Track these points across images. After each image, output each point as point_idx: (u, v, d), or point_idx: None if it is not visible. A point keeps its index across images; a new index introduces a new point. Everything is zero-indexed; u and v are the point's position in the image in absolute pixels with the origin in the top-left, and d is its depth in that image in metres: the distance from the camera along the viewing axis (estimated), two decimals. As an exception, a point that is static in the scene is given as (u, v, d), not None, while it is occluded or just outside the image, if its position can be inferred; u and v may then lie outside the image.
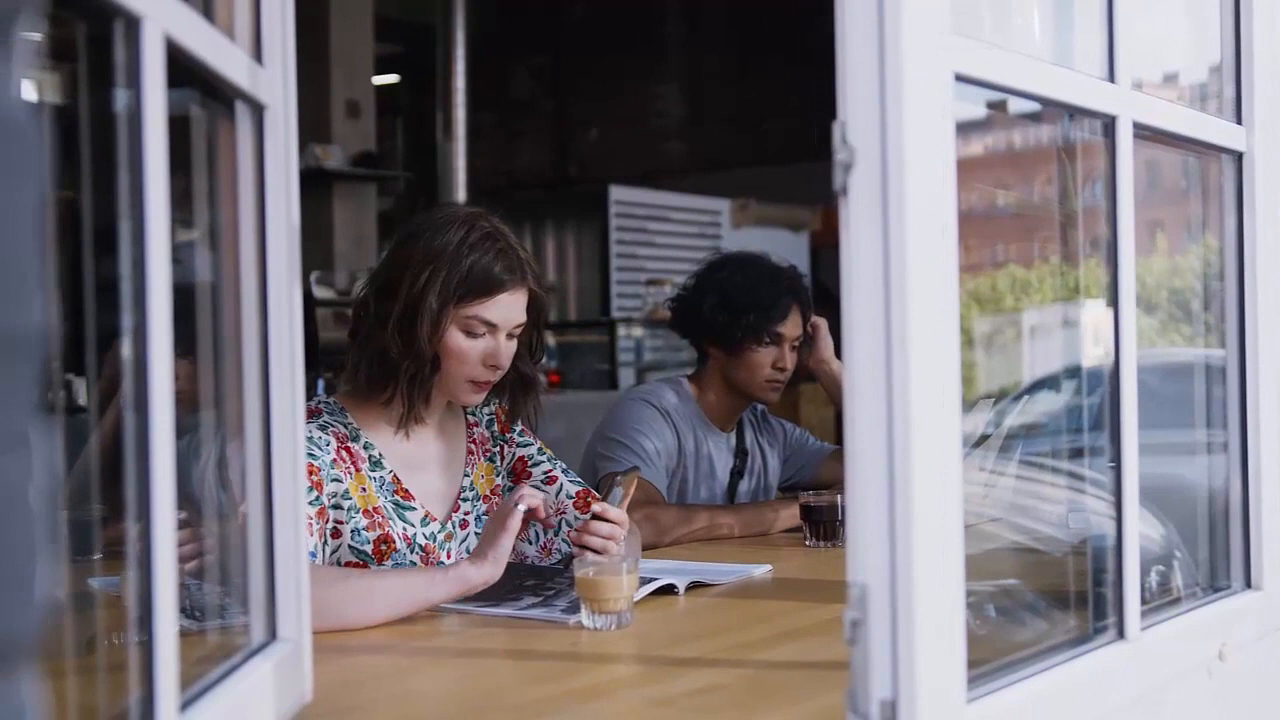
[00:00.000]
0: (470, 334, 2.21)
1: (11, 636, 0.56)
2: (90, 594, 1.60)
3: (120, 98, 1.02)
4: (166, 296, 1.03)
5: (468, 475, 2.36)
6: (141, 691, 1.02)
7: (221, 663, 1.28)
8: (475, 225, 2.21)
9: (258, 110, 1.35)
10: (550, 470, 2.43)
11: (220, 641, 1.43)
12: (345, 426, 2.23)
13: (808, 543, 2.69)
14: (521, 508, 2.00)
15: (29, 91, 0.60)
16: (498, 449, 2.44)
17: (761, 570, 2.39)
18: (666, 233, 8.28)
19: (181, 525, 1.42)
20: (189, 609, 1.35)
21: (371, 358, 2.22)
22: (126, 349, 1.01)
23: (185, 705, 1.10)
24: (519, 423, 2.46)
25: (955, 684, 1.23)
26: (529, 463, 2.44)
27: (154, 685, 1.02)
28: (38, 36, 0.63)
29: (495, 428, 2.44)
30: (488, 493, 2.39)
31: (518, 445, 2.45)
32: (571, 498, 2.38)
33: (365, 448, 2.24)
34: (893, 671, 1.18)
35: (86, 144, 1.06)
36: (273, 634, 1.38)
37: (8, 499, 0.56)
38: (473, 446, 2.40)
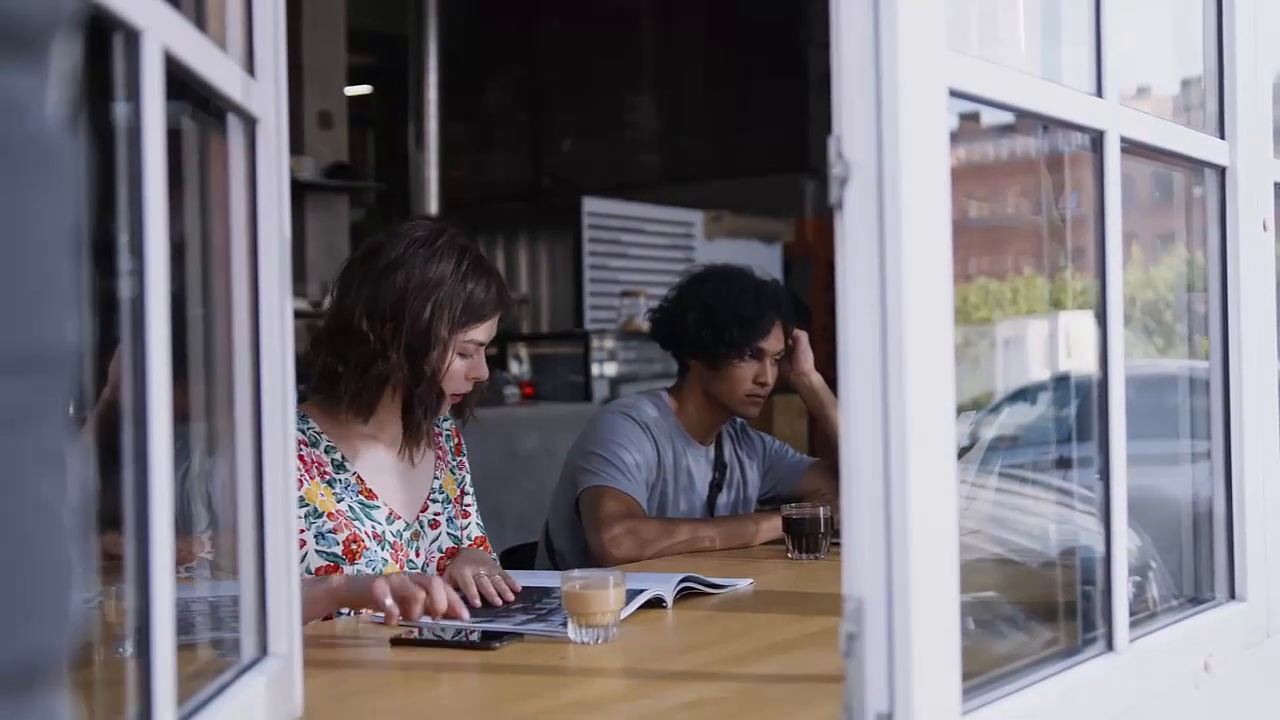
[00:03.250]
0: (463, 355, 2.31)
1: (49, 654, 0.56)
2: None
3: (119, 110, 1.01)
4: (164, 308, 1.03)
5: (437, 478, 2.45)
6: (138, 707, 1.01)
7: (213, 678, 1.27)
8: (464, 252, 2.31)
9: (250, 123, 1.35)
10: (469, 506, 2.53)
11: (209, 657, 1.42)
12: (304, 432, 2.26)
13: (790, 555, 2.69)
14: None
15: (64, 107, 0.60)
16: (456, 463, 2.53)
17: (744, 584, 2.38)
18: (640, 244, 8.27)
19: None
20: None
21: (376, 383, 2.27)
22: (125, 363, 1.01)
23: (181, 722, 1.09)
24: (464, 451, 2.57)
25: (951, 697, 1.23)
26: (464, 490, 2.54)
27: (151, 701, 1.01)
28: (74, 51, 0.63)
29: (452, 444, 2.54)
30: (455, 497, 2.48)
31: (465, 470, 2.56)
32: (471, 540, 2.46)
33: (327, 452, 2.30)
34: (889, 684, 1.18)
35: (84, 154, 1.05)
36: (264, 650, 1.38)
37: (44, 517, 0.55)
38: (440, 453, 2.49)
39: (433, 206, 8.91)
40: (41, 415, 0.56)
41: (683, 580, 2.22)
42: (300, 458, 2.23)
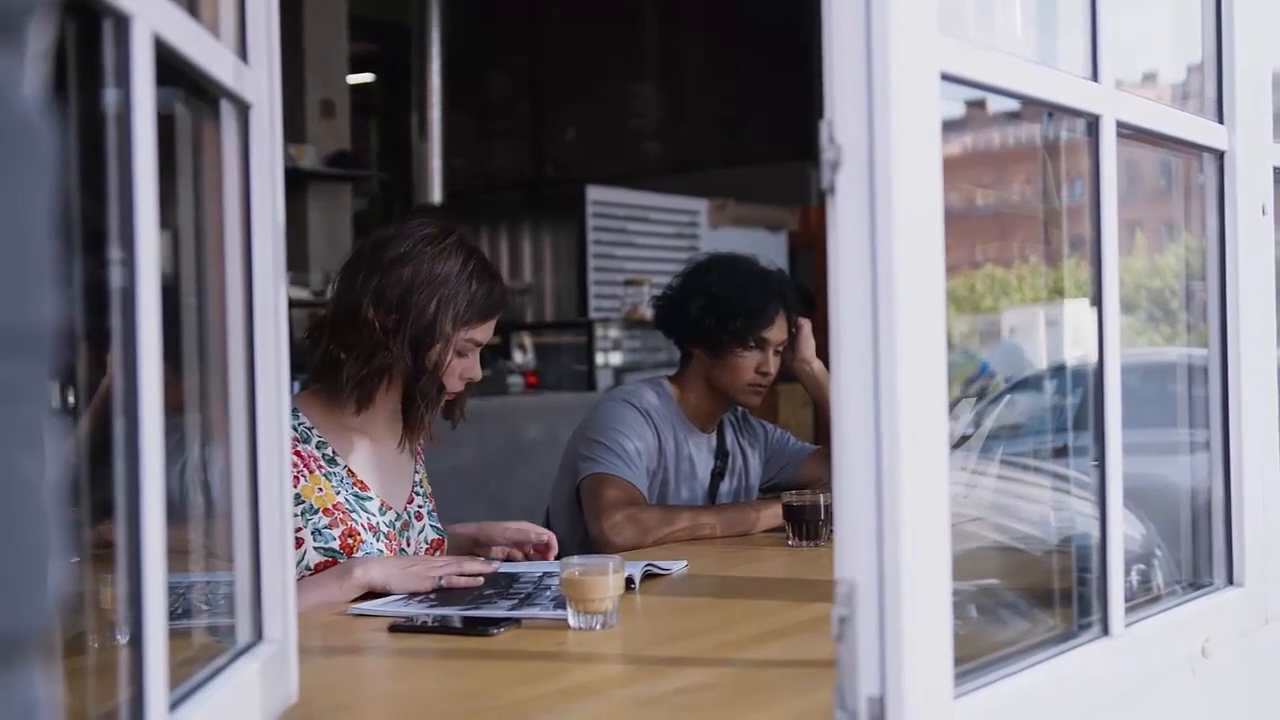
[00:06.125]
0: (460, 354, 2.34)
1: (25, 631, 0.56)
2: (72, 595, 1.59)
3: (108, 96, 1.01)
4: (155, 297, 1.03)
5: (417, 473, 2.49)
6: (131, 691, 1.01)
7: (208, 663, 1.27)
8: (471, 253, 2.35)
9: (243, 109, 1.35)
10: (429, 507, 2.53)
11: (205, 642, 1.42)
12: (295, 428, 2.27)
13: (790, 542, 2.70)
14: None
15: (40, 89, 0.60)
16: (423, 460, 2.57)
17: (679, 566, 2.40)
18: (644, 233, 8.26)
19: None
20: (171, 609, 1.35)
21: (377, 372, 2.29)
22: (115, 352, 1.01)
23: (174, 705, 1.10)
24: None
25: (943, 680, 1.23)
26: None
27: (143, 685, 1.01)
28: (50, 33, 0.63)
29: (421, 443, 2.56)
30: (429, 493, 2.52)
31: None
32: (427, 544, 2.47)
33: (318, 447, 2.32)
34: (880, 668, 1.18)
35: (72, 143, 1.05)
36: (259, 634, 1.38)
37: (23, 495, 0.56)
38: (419, 450, 2.52)
39: (436, 196, 8.91)
40: (20, 393, 0.56)
41: (645, 572, 2.25)
42: (296, 453, 2.24)
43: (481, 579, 2.18)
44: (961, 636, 1.30)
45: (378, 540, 2.30)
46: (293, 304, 6.20)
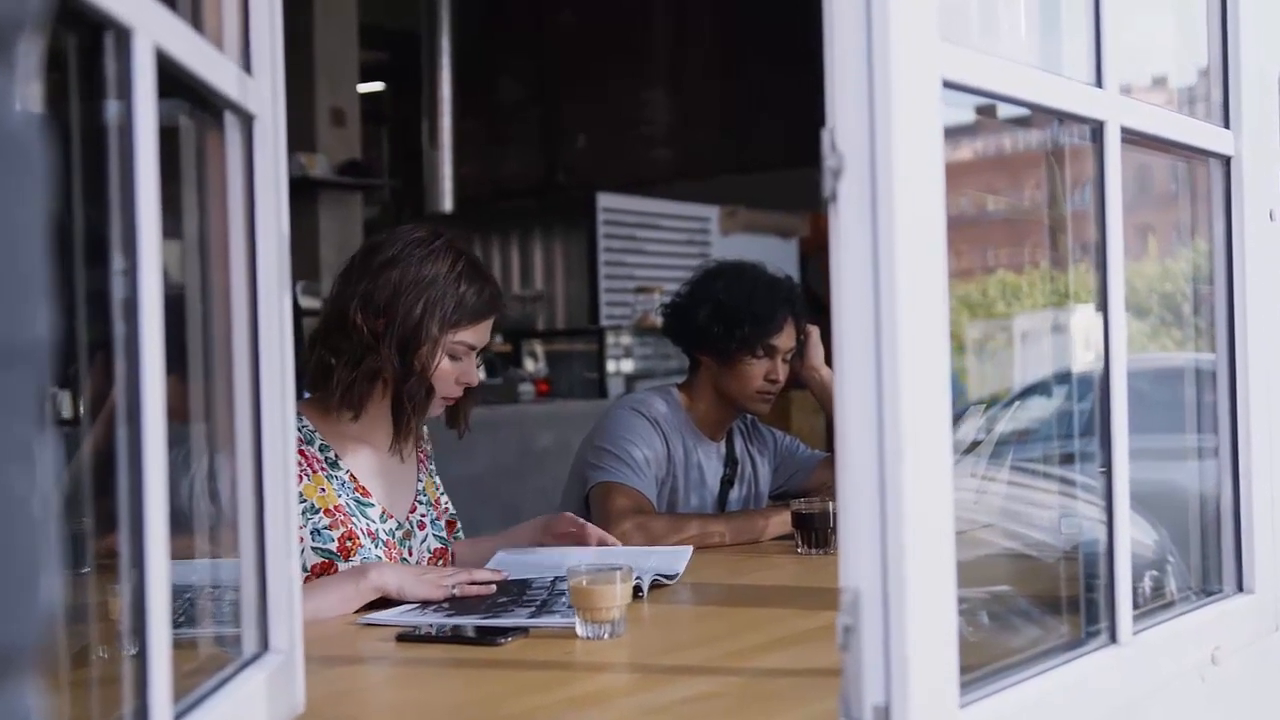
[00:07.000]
0: (453, 357, 2.34)
1: (16, 645, 0.56)
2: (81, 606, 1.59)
3: (110, 108, 1.01)
4: (158, 308, 1.03)
5: (420, 481, 2.49)
6: (135, 703, 1.02)
7: (214, 674, 1.27)
8: (460, 255, 2.35)
9: (247, 120, 1.35)
10: (433, 516, 2.52)
11: (211, 652, 1.43)
12: (299, 431, 2.28)
13: (799, 550, 2.69)
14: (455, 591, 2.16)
15: (32, 104, 0.60)
16: (433, 466, 2.57)
17: (684, 555, 2.40)
18: (655, 240, 8.27)
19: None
20: (177, 619, 1.35)
21: (366, 376, 2.29)
22: (119, 362, 1.01)
23: (179, 716, 1.10)
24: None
25: (948, 689, 1.23)
26: (439, 495, 2.57)
27: (148, 696, 1.01)
28: (40, 49, 0.63)
29: (430, 452, 2.57)
30: (435, 500, 2.52)
31: (436, 476, 2.58)
32: (429, 553, 2.47)
33: (321, 450, 2.32)
34: (885, 676, 1.18)
35: (76, 154, 1.06)
36: (265, 645, 1.38)
37: (13, 508, 0.56)
38: (422, 457, 2.52)
39: (446, 204, 8.91)
40: (14, 407, 0.56)
41: (653, 581, 2.25)
42: (300, 453, 2.25)
43: (494, 587, 2.18)
44: (970, 644, 1.29)
45: (376, 547, 2.30)
46: (305, 313, 6.20)
